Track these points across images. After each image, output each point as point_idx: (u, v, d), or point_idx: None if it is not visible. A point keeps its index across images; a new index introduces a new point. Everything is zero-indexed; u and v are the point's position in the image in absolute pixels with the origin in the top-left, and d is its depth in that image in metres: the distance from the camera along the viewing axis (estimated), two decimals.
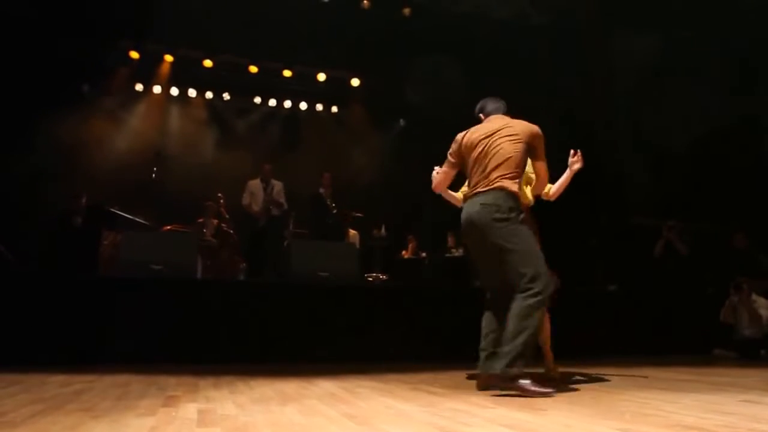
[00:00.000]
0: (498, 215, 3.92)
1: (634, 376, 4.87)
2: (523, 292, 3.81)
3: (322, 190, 9.95)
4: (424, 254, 10.33)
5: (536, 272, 3.84)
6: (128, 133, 11.66)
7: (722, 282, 8.27)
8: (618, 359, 6.48)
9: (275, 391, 3.85)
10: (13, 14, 9.10)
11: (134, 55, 11.24)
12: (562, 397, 3.62)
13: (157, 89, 12.04)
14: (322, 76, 12.52)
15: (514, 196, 3.98)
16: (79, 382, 4.22)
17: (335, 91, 12.95)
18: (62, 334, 5.67)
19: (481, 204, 3.98)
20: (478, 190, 4.04)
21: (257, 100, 12.81)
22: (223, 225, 9.40)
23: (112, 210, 8.50)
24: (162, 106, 12.23)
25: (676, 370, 5.37)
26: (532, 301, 3.79)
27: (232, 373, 4.94)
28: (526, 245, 3.92)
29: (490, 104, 4.39)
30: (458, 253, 9.91)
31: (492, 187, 3.98)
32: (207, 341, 6.06)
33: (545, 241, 4.27)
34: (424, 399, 3.58)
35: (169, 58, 11.65)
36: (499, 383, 3.79)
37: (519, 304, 3.80)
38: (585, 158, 4.63)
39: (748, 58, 9.61)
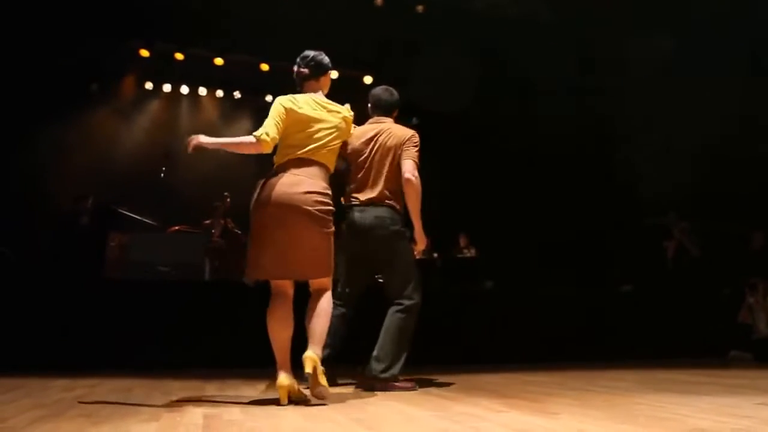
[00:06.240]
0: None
1: (648, 378, 4.79)
2: (408, 299, 4.39)
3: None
4: (435, 254, 10.23)
5: (417, 283, 4.41)
6: (137, 132, 11.64)
7: (739, 283, 8.15)
8: (632, 361, 6.40)
9: None
10: (21, 13, 9.10)
11: (144, 53, 11.19)
12: (575, 401, 3.55)
13: (167, 88, 12.00)
14: (334, 74, 12.41)
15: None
16: (81, 386, 4.18)
17: (348, 89, 12.87)
18: (66, 337, 5.61)
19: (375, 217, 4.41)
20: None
21: (269, 98, 12.72)
22: (230, 225, 9.36)
23: (120, 210, 8.46)
24: (172, 105, 12.20)
25: (691, 373, 5.30)
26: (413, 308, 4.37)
27: (238, 376, 4.90)
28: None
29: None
30: (470, 254, 9.82)
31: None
32: (213, 344, 5.97)
33: (562, 241, 4.26)
34: (435, 403, 3.52)
35: (179, 56, 11.59)
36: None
37: (399, 313, 4.40)
38: (598, 158, 4.59)
39: (763, 55, 9.48)
